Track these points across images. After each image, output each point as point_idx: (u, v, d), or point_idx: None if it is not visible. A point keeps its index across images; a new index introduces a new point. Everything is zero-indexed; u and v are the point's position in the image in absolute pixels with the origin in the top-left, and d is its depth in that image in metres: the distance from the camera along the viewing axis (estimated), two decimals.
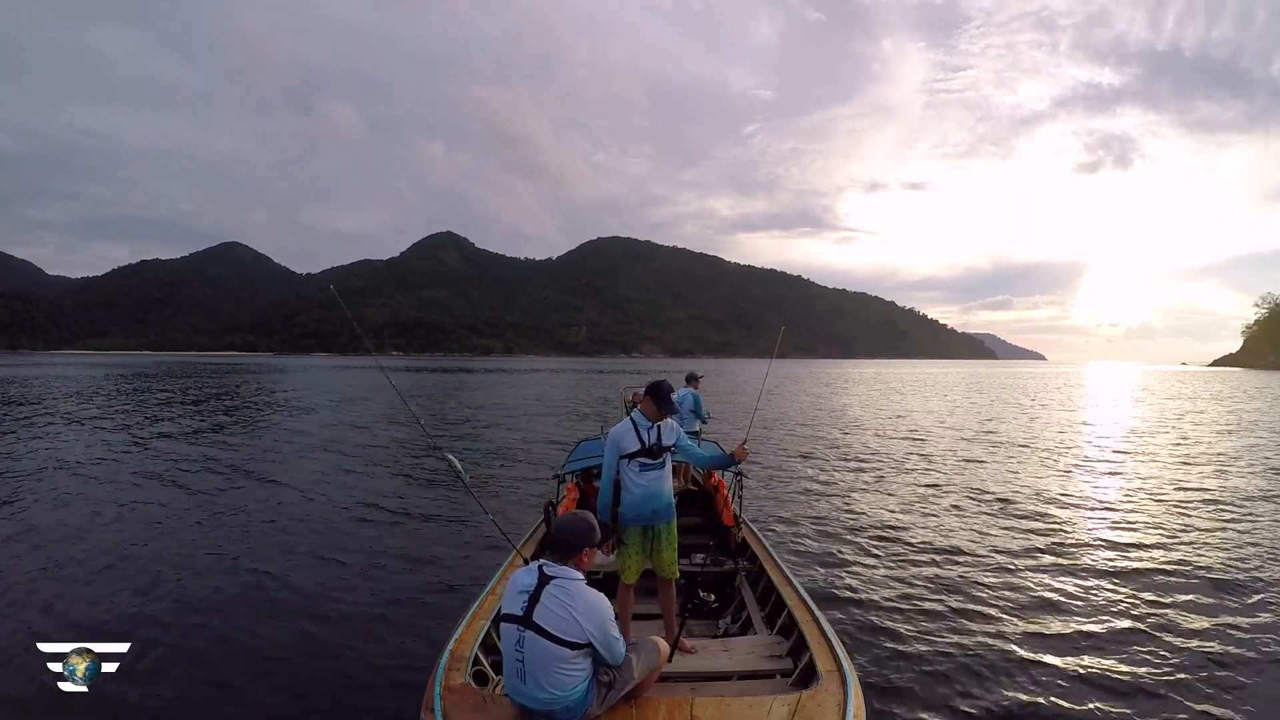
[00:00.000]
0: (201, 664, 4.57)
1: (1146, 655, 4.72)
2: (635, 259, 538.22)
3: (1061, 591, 5.98)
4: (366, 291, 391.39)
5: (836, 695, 2.85)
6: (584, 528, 2.77)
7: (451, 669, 3.06)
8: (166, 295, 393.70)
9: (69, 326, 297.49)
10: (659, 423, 3.81)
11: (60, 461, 12.25)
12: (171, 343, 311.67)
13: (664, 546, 3.85)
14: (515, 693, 2.65)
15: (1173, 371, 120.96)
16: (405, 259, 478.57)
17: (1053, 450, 15.08)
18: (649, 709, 2.77)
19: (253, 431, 17.34)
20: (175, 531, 7.78)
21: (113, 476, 10.98)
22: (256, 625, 5.19)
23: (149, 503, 9.16)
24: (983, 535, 7.83)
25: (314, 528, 7.98)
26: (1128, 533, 7.98)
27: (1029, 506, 9.28)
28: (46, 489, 9.94)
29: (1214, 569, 6.58)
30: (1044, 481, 11.17)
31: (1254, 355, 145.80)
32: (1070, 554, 7.08)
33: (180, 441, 15.35)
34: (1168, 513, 9.01)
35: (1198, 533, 7.96)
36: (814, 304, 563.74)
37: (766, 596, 4.56)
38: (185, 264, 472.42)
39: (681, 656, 3.64)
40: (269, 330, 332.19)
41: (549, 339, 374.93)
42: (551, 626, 2.54)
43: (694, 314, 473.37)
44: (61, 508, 8.79)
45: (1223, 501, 9.65)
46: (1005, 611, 5.50)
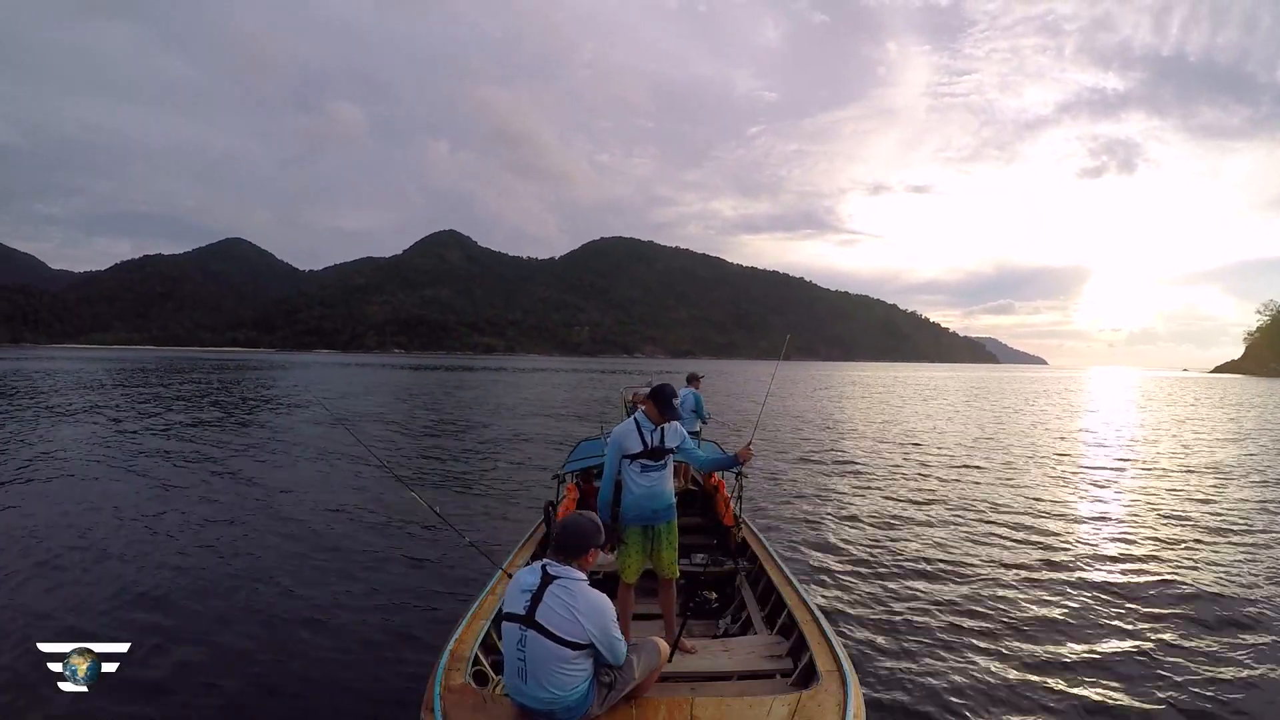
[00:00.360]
0: (201, 664, 4.57)
1: (1142, 659, 4.73)
2: (638, 259, 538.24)
3: (1059, 596, 5.99)
4: (369, 289, 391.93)
5: (836, 695, 2.85)
6: (589, 528, 2.76)
7: (451, 669, 3.06)
8: (169, 290, 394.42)
9: (72, 321, 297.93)
10: (662, 425, 3.83)
11: (60, 459, 12.28)
12: (174, 338, 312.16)
13: (664, 546, 3.87)
14: (516, 692, 2.65)
15: (1175, 378, 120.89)
16: (408, 257, 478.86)
17: (1052, 458, 15.05)
18: (649, 709, 2.77)
19: (252, 431, 17.36)
20: (175, 532, 7.78)
21: (113, 475, 11.00)
22: (256, 625, 5.20)
23: (149, 503, 9.16)
24: (981, 539, 7.84)
25: (314, 528, 7.98)
26: (1126, 544, 7.94)
27: (1028, 513, 9.28)
28: (46, 487, 9.95)
29: (1213, 583, 6.50)
30: (1043, 489, 11.15)
31: (1256, 362, 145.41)
32: (1068, 561, 7.08)
33: (180, 440, 15.39)
34: (1167, 524, 8.93)
35: (1198, 545, 7.88)
36: (816, 306, 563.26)
37: (766, 596, 4.57)
38: (188, 259, 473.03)
39: (681, 656, 3.64)
40: (271, 326, 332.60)
41: (551, 338, 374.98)
42: (553, 626, 2.53)
43: (696, 315, 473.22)
44: (61, 507, 8.78)
45: (1226, 515, 9.51)
46: (1004, 613, 5.52)
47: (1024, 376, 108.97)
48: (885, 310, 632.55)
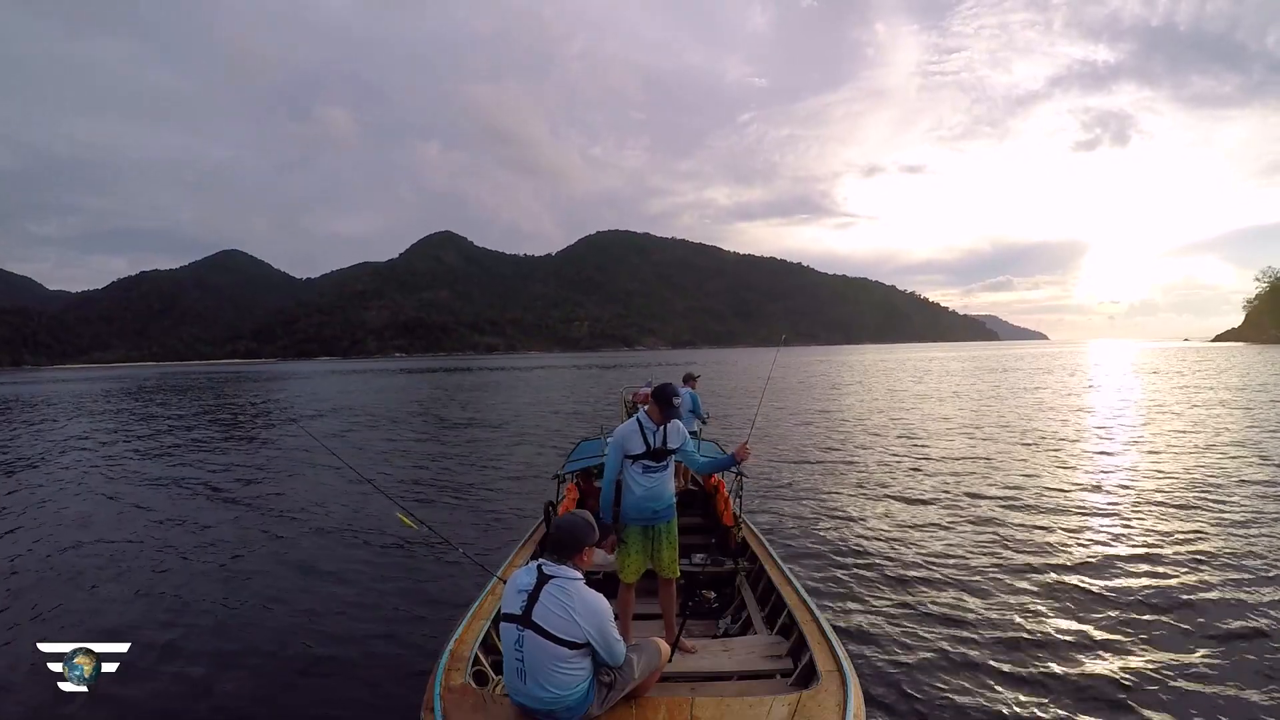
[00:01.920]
0: (201, 664, 4.60)
1: (1143, 660, 4.68)
2: (634, 252, 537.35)
3: (1061, 596, 5.89)
4: (367, 294, 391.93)
5: (836, 695, 2.84)
6: (583, 527, 2.77)
7: (451, 669, 3.06)
8: (167, 306, 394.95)
9: (71, 341, 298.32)
10: (665, 425, 3.83)
11: (62, 469, 12.37)
12: (173, 353, 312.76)
13: (664, 546, 3.88)
14: (516, 693, 2.65)
15: (1176, 348, 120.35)
16: (405, 260, 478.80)
17: (1057, 442, 14.88)
18: (649, 709, 2.76)
19: (250, 439, 17.41)
20: (175, 534, 7.85)
21: (114, 483, 11.07)
22: (256, 626, 5.22)
23: (150, 507, 9.25)
24: (985, 535, 7.75)
25: (313, 529, 8.04)
26: (1135, 530, 7.80)
27: (1033, 505, 9.10)
28: (48, 494, 10.07)
29: (1221, 570, 6.38)
30: (1048, 478, 10.99)
31: (1256, 330, 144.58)
32: (1073, 555, 6.95)
33: (179, 449, 15.41)
34: (1178, 516, 8.46)
35: (1207, 528, 7.69)
36: (814, 291, 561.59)
37: (766, 596, 4.57)
38: (184, 274, 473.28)
39: (682, 656, 3.66)
40: (270, 337, 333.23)
41: (551, 335, 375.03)
42: (550, 626, 2.54)
43: (694, 305, 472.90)
44: (63, 511, 8.92)
45: (1236, 499, 9.06)
46: (1006, 612, 5.46)
47: (1026, 353, 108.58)
48: (884, 292, 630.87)
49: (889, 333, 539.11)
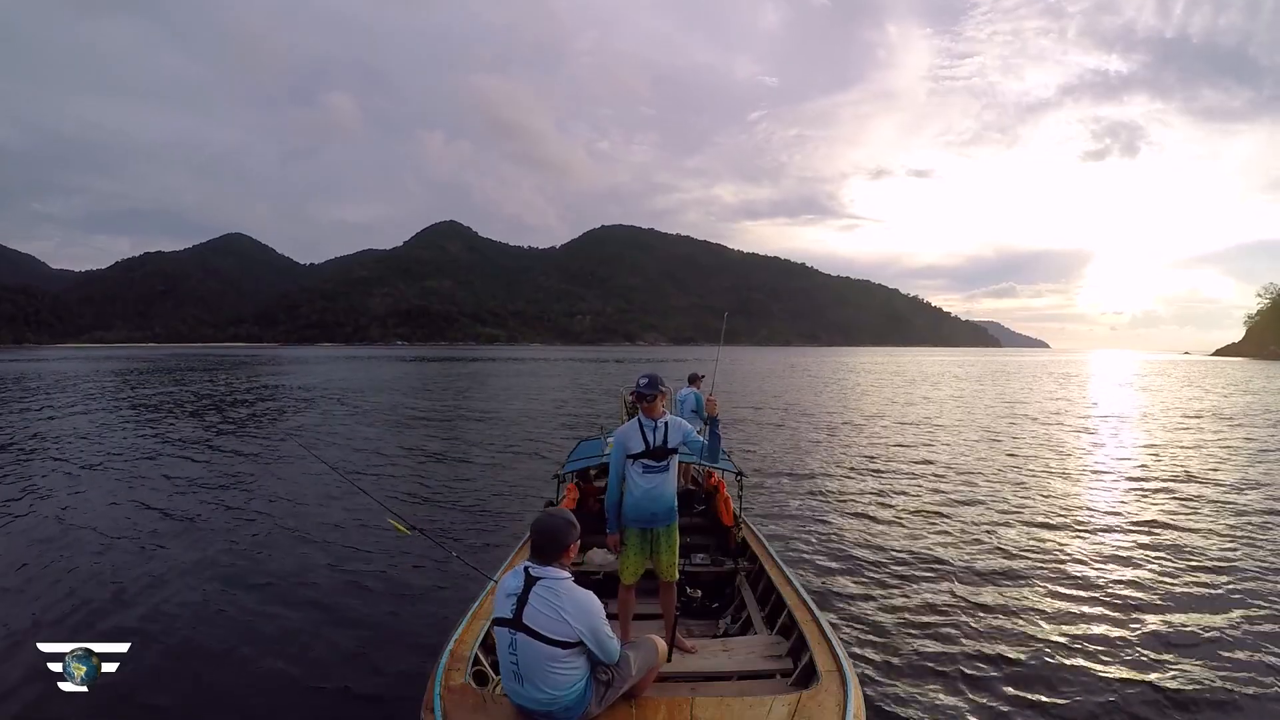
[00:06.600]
0: (201, 664, 4.59)
1: (1144, 660, 4.70)
2: (638, 247, 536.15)
3: (1062, 596, 5.91)
4: (370, 281, 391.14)
5: (836, 695, 2.84)
6: (562, 525, 2.71)
7: (451, 669, 3.05)
8: (170, 288, 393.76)
9: (73, 320, 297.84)
10: (664, 420, 3.79)
11: (60, 460, 12.29)
12: (175, 335, 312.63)
13: (663, 549, 3.82)
14: (514, 694, 2.65)
15: (1176, 361, 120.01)
16: (408, 248, 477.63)
17: (1059, 450, 14.92)
18: (649, 709, 2.75)
19: (253, 431, 17.38)
20: (176, 532, 7.79)
21: (115, 478, 11.01)
22: (256, 625, 5.20)
23: (150, 503, 9.14)
24: (985, 535, 7.78)
25: (313, 529, 7.99)
26: (1135, 533, 7.83)
27: (1033, 510, 9.12)
28: (47, 488, 9.95)
29: (1222, 571, 6.44)
30: (1050, 482, 11.05)
31: (1256, 345, 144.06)
32: (1073, 557, 6.99)
33: (181, 440, 15.42)
34: (1181, 521, 8.52)
35: (1207, 536, 7.72)
36: (817, 291, 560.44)
37: (766, 596, 4.58)
38: (188, 256, 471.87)
39: (681, 656, 3.67)
40: (273, 321, 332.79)
41: (552, 327, 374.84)
42: (541, 627, 2.53)
43: (697, 302, 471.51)
44: (62, 508, 8.80)
45: (1238, 510, 9.08)
46: (1007, 612, 5.48)
47: (1026, 361, 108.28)
48: (887, 295, 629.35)
49: (890, 336, 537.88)
